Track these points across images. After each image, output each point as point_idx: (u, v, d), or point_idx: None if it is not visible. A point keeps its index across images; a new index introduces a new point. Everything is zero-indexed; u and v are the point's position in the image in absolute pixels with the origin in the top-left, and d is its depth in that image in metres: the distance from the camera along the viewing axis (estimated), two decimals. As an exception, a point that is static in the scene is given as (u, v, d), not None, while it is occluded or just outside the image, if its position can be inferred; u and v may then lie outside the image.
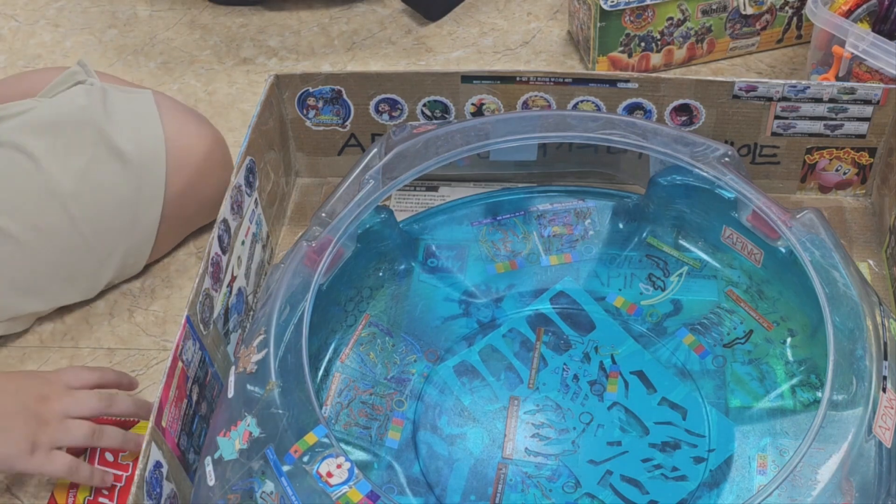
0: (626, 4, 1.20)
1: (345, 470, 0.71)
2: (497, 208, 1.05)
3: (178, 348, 0.82)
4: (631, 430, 0.88)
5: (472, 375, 0.93)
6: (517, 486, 0.85)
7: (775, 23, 1.28)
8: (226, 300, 0.93)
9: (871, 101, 1.02)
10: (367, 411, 0.90)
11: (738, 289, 0.97)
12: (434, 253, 1.02)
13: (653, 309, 0.97)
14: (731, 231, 0.96)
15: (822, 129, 1.05)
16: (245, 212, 0.98)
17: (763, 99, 1.03)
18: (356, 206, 0.89)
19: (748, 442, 0.86)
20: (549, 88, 1.06)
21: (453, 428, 0.89)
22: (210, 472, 0.76)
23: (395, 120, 1.10)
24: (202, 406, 0.88)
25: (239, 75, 1.32)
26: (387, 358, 0.94)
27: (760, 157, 1.09)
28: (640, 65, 1.27)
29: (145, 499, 0.75)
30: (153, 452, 0.77)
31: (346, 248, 0.90)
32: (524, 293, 0.99)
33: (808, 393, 0.89)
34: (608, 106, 1.06)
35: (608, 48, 1.24)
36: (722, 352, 0.93)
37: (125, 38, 1.42)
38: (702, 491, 0.84)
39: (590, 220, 1.04)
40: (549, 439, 0.88)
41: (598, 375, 0.92)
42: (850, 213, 1.09)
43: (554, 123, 0.96)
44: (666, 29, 1.24)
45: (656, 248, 1.01)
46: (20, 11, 1.47)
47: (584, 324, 0.96)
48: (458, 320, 0.97)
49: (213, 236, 0.90)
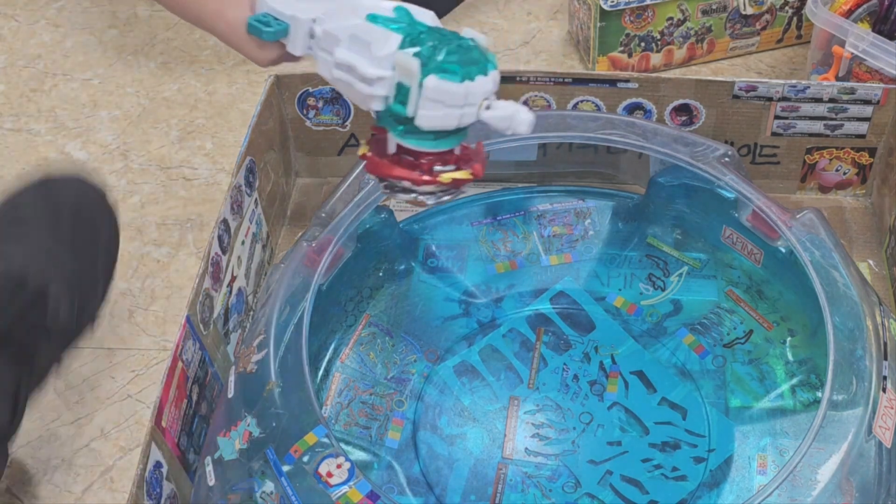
0: (626, 4, 1.20)
1: (345, 470, 0.71)
2: (497, 208, 1.05)
3: (178, 348, 0.82)
4: (631, 430, 0.88)
5: (472, 375, 0.93)
6: (517, 486, 0.85)
7: (775, 23, 1.28)
8: (226, 300, 0.93)
9: (871, 101, 1.02)
10: (367, 411, 0.90)
11: (738, 289, 0.97)
12: (434, 253, 1.02)
13: (653, 309, 0.97)
14: (731, 231, 0.95)
15: (822, 129, 1.05)
16: (245, 212, 0.98)
17: (763, 99, 1.03)
18: (356, 206, 0.89)
19: (748, 442, 0.86)
20: (549, 88, 1.06)
21: (453, 428, 0.89)
22: (210, 472, 0.76)
23: (395, 120, 1.10)
24: (202, 406, 0.88)
25: (239, 75, 1.32)
26: (387, 358, 0.94)
27: (760, 157, 1.09)
28: (640, 65, 1.27)
29: (145, 499, 0.75)
30: (153, 452, 0.77)
31: (346, 248, 0.90)
32: (524, 293, 0.99)
33: (808, 393, 0.88)
34: (608, 106, 1.06)
35: (608, 48, 1.24)
36: (722, 352, 0.93)
37: (125, 38, 1.42)
38: (702, 491, 0.84)
39: (590, 220, 1.04)
40: (549, 439, 0.88)
41: (598, 375, 0.92)
42: (850, 213, 1.09)
43: (554, 123, 0.96)
44: (666, 29, 1.24)
45: (656, 248, 1.01)
46: (20, 11, 1.47)
47: (584, 324, 0.96)
48: (458, 320, 0.97)
49: (213, 236, 0.90)
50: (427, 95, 0.66)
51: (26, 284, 0.83)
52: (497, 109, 0.67)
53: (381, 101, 0.69)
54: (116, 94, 1.31)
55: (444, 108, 0.66)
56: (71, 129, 1.26)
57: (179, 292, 1.06)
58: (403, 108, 0.67)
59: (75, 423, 0.95)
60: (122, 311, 1.05)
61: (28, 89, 1.32)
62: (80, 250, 0.88)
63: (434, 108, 0.66)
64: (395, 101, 0.68)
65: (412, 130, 0.68)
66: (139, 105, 1.30)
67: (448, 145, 0.70)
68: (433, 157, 0.70)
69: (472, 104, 0.67)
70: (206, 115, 1.27)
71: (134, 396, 0.97)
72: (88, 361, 1.00)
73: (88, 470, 0.92)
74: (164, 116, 1.28)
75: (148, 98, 1.31)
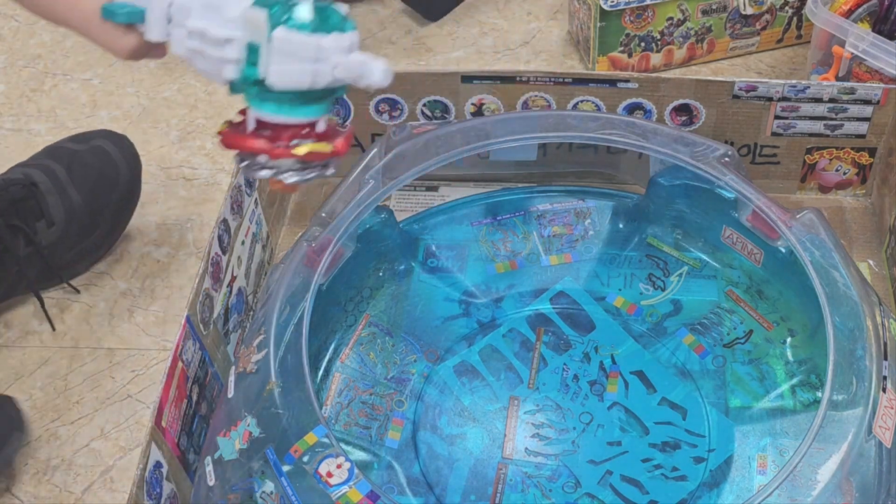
0: (626, 4, 1.20)
1: (345, 470, 0.71)
2: (497, 208, 1.05)
3: (178, 348, 0.82)
4: (631, 430, 0.88)
5: (472, 375, 0.93)
6: (517, 486, 0.85)
7: (775, 23, 1.28)
8: (226, 300, 0.93)
9: (871, 101, 1.02)
10: (367, 411, 0.90)
11: (738, 289, 0.97)
12: (434, 253, 1.02)
13: (653, 309, 0.97)
14: (731, 231, 0.96)
15: (822, 129, 1.05)
16: (245, 212, 0.98)
17: (763, 99, 1.03)
18: (356, 206, 0.89)
19: (748, 442, 0.86)
20: (549, 88, 1.06)
21: (453, 428, 0.89)
22: (210, 472, 0.76)
23: (395, 120, 1.10)
24: (202, 406, 0.88)
25: (239, 75, 1.32)
26: (387, 358, 0.94)
27: (760, 157, 1.09)
28: (640, 65, 1.27)
29: (145, 499, 0.75)
30: (153, 452, 0.77)
31: (346, 248, 0.90)
32: (524, 293, 0.99)
33: (808, 393, 0.88)
34: (608, 106, 1.06)
35: (608, 48, 1.24)
36: (722, 352, 0.93)
37: (125, 38, 1.41)
38: (702, 491, 0.84)
39: (590, 220, 1.04)
40: (549, 439, 0.88)
41: (598, 375, 0.92)
42: (850, 213, 1.09)
43: (554, 123, 0.96)
44: (666, 29, 1.24)
45: (656, 248, 1.01)
46: (20, 11, 1.47)
47: (584, 324, 0.96)
48: (458, 320, 0.97)
49: (213, 236, 0.90)
50: (276, 47, 0.63)
51: (19, 182, 1.01)
52: (349, 63, 0.64)
53: (234, 67, 0.66)
54: (116, 94, 1.31)
55: (295, 63, 0.64)
56: (71, 129, 1.25)
57: (179, 292, 1.06)
58: (255, 70, 0.65)
59: (75, 423, 0.95)
60: (122, 311, 1.05)
61: (28, 89, 1.32)
62: (86, 191, 1.05)
63: (284, 62, 0.64)
64: (247, 63, 0.65)
65: (267, 97, 0.66)
66: (139, 105, 1.30)
67: (306, 114, 0.67)
68: (291, 130, 0.67)
69: (324, 60, 0.64)
70: (206, 115, 1.27)
71: (134, 396, 0.97)
72: (88, 361, 1.00)
73: (88, 470, 0.92)
74: (164, 116, 1.28)
75: (148, 98, 1.31)
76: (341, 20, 0.66)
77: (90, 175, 1.05)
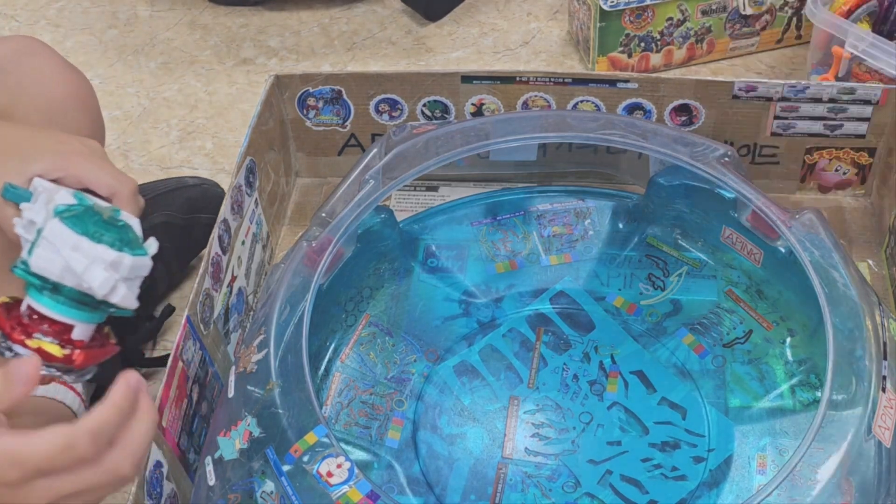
0: (626, 4, 1.20)
1: (345, 470, 0.71)
2: (497, 208, 1.05)
3: (178, 348, 0.82)
4: (631, 430, 0.88)
5: (472, 375, 0.93)
6: (517, 485, 0.85)
7: (775, 23, 1.28)
8: (226, 300, 0.93)
9: (871, 101, 1.02)
10: (367, 411, 0.90)
11: (738, 289, 0.97)
12: (434, 253, 1.02)
13: (652, 309, 0.97)
14: (730, 231, 0.96)
15: (822, 129, 1.05)
16: (245, 212, 0.98)
17: (763, 99, 1.03)
18: (356, 206, 0.89)
19: (748, 442, 0.86)
20: (549, 88, 1.06)
21: (453, 428, 0.89)
22: (210, 472, 0.76)
23: (395, 120, 1.10)
24: (202, 406, 0.88)
25: (239, 75, 1.33)
26: (387, 358, 0.94)
27: (760, 158, 1.09)
28: (640, 65, 1.27)
29: (145, 498, 0.75)
30: (153, 452, 0.77)
31: (346, 248, 0.90)
32: (524, 293, 0.99)
33: (808, 393, 0.89)
34: (608, 106, 1.06)
35: (608, 48, 1.24)
36: (721, 352, 0.93)
37: (125, 38, 1.42)
38: (701, 490, 0.84)
39: (590, 220, 1.04)
40: (548, 439, 0.88)
41: (597, 375, 0.92)
42: (850, 213, 1.09)
43: (554, 123, 0.96)
44: (666, 29, 1.24)
45: (656, 248, 1.01)
46: (20, 11, 1.47)
47: (583, 324, 0.96)
48: (458, 320, 0.97)
49: (214, 236, 0.90)
50: (45, 235, 0.64)
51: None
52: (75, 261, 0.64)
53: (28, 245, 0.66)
54: (116, 94, 1.31)
55: (54, 252, 0.64)
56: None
57: (179, 292, 1.07)
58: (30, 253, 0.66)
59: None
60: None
61: (28, 89, 1.32)
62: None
63: (45, 248, 0.64)
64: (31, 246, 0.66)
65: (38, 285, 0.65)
66: (139, 105, 1.30)
67: (64, 314, 0.66)
68: (50, 326, 0.66)
69: (79, 260, 0.64)
70: (206, 116, 1.27)
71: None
72: (89, 361, 1.00)
73: (89, 470, 0.92)
74: (164, 116, 1.28)
75: (148, 98, 1.31)
76: (127, 239, 0.66)
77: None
